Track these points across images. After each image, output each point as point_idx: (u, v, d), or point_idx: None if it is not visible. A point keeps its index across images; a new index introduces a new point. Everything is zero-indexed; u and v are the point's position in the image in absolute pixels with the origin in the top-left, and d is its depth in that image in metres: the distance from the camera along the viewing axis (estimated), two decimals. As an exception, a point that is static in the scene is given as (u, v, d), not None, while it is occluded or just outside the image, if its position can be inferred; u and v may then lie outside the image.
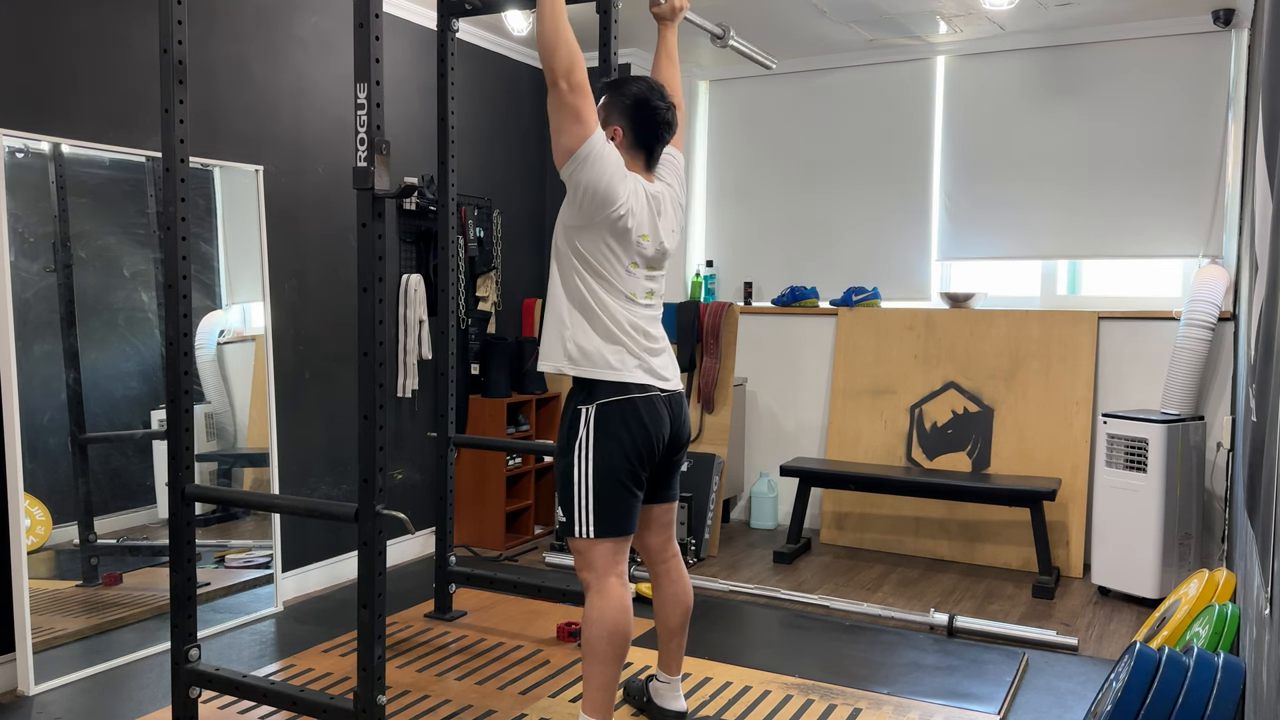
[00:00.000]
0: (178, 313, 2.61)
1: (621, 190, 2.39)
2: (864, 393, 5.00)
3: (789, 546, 4.65)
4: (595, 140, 2.36)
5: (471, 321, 4.77)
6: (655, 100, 2.50)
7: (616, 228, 2.41)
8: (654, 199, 2.51)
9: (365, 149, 2.29)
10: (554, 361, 2.49)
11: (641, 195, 2.47)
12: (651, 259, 2.52)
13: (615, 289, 2.46)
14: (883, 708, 2.92)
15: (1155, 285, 4.69)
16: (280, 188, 3.84)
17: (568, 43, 2.31)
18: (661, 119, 2.52)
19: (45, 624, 3.04)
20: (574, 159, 2.35)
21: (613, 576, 2.46)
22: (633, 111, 2.49)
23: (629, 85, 2.52)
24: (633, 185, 2.44)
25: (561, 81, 2.31)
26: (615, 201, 2.38)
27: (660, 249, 2.53)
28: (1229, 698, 2.19)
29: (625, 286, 2.47)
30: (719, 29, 3.29)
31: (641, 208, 2.46)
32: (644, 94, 2.50)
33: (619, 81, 2.55)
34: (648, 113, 2.50)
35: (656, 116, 2.51)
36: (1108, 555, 4.09)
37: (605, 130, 2.49)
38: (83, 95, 3.16)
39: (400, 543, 4.49)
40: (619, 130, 2.49)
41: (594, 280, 2.45)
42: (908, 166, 5.10)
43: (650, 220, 2.49)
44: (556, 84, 2.31)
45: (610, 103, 2.52)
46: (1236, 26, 4.32)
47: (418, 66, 4.47)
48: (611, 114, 2.51)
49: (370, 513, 2.38)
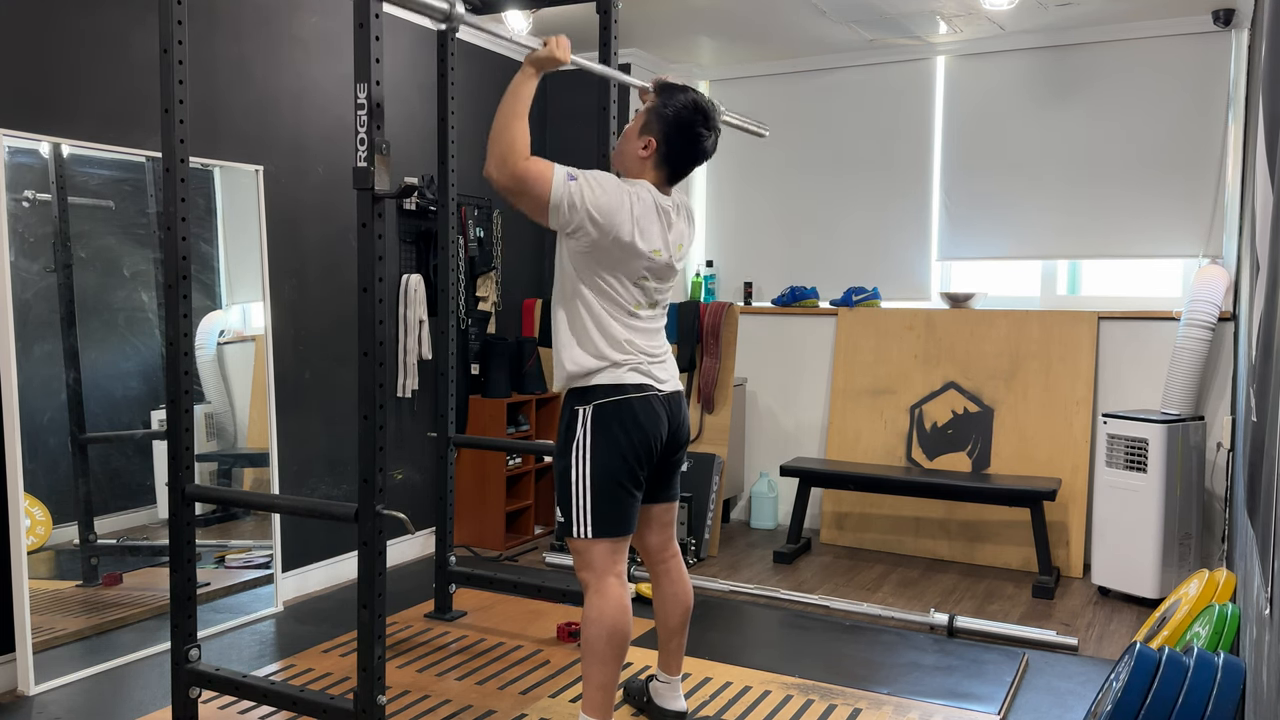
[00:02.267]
0: (178, 313, 2.61)
1: (621, 212, 2.37)
2: (864, 393, 5.00)
3: (789, 546, 4.65)
4: (558, 187, 2.32)
5: (471, 321, 4.77)
6: (699, 127, 2.46)
7: (622, 244, 2.39)
8: (663, 211, 2.47)
9: (365, 149, 2.29)
10: (561, 381, 2.51)
11: (651, 208, 2.43)
12: (660, 271, 2.49)
13: (619, 304, 2.44)
14: (883, 708, 2.92)
15: (1155, 285, 4.69)
16: (280, 188, 3.84)
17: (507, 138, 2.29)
18: (700, 149, 2.49)
19: (45, 624, 3.04)
20: (554, 211, 2.34)
21: (612, 576, 2.46)
22: (672, 130, 2.45)
23: (677, 96, 2.46)
24: (637, 198, 2.41)
25: (494, 173, 2.30)
26: (616, 225, 2.36)
27: (668, 261, 2.49)
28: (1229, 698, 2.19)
29: (629, 300, 2.46)
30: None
31: (650, 221, 2.42)
32: (690, 116, 2.45)
33: (670, 88, 2.49)
34: (689, 138, 2.46)
35: (696, 146, 2.48)
36: (1108, 555, 4.09)
37: (639, 141, 2.46)
38: (83, 95, 3.16)
39: (400, 543, 4.49)
40: (653, 142, 2.46)
41: (596, 297, 2.43)
42: (908, 166, 5.10)
43: (661, 233, 2.46)
44: (490, 176, 2.31)
45: (654, 109, 2.47)
46: (1236, 26, 4.32)
47: (418, 66, 4.47)
48: (651, 123, 2.46)
49: (370, 513, 2.38)
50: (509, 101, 2.36)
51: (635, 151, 2.50)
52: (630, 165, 2.53)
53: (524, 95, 2.37)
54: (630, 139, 2.52)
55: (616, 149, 2.63)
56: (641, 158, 2.49)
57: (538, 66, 2.43)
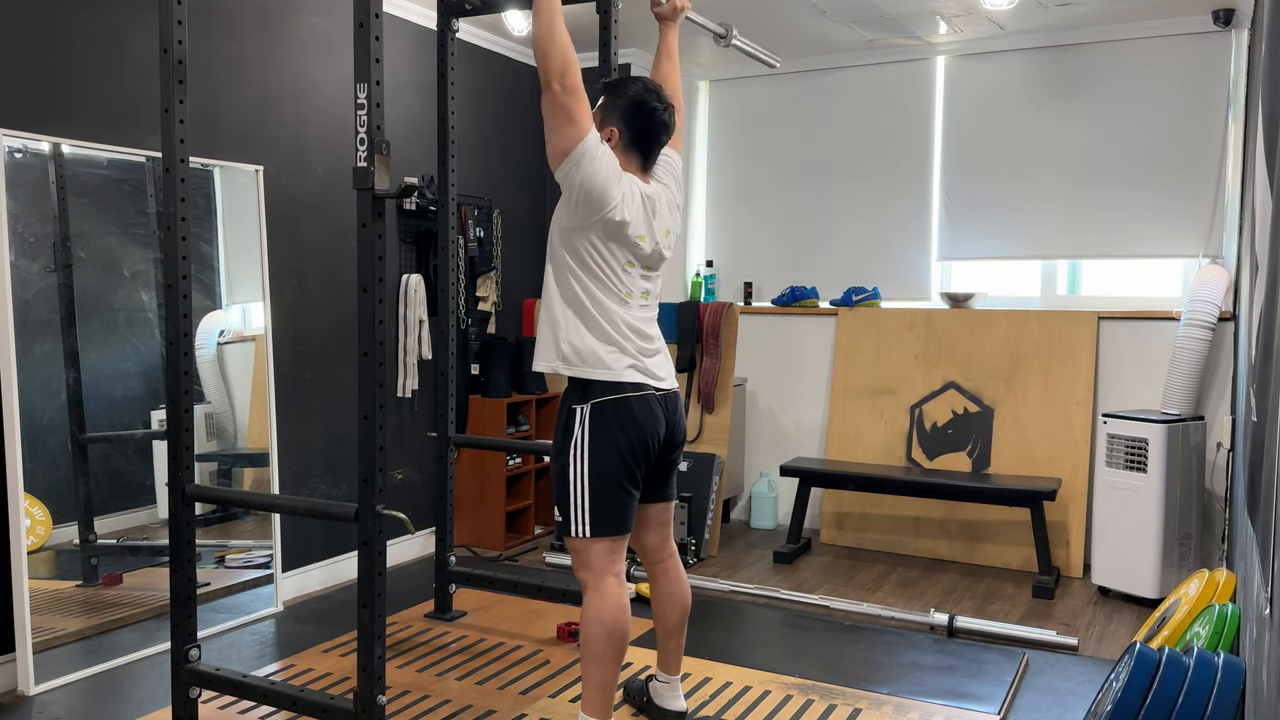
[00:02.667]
0: (178, 313, 2.61)
1: (615, 191, 2.39)
2: (864, 393, 5.00)
3: (789, 546, 4.65)
4: (589, 141, 2.36)
5: (471, 321, 4.77)
6: (652, 102, 2.50)
7: (611, 228, 2.41)
8: (649, 199, 2.50)
9: (365, 149, 2.29)
10: (549, 361, 2.49)
11: (637, 195, 2.47)
12: (647, 259, 2.52)
13: (610, 289, 2.46)
14: (883, 708, 2.92)
15: (1155, 285, 4.69)
16: (280, 188, 3.84)
17: (562, 45, 2.31)
18: (658, 120, 2.52)
19: (45, 624, 3.04)
20: (568, 159, 2.36)
21: (610, 576, 2.46)
22: (629, 113, 2.49)
23: (626, 86, 2.51)
24: (628, 185, 2.44)
25: (555, 83, 2.31)
26: (609, 202, 2.38)
27: (656, 249, 2.52)
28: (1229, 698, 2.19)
29: (621, 287, 2.47)
30: (721, 29, 3.28)
31: (636, 208, 2.46)
32: (641, 95, 2.49)
33: (617, 83, 2.55)
34: (645, 114, 2.50)
35: (654, 119, 2.51)
36: (1108, 555, 4.09)
37: (601, 132, 2.49)
38: (83, 95, 3.16)
39: (400, 543, 4.50)
40: (615, 132, 2.49)
41: (589, 280, 2.45)
42: (908, 166, 5.10)
43: (646, 221, 2.49)
44: (550, 85, 2.31)
45: (607, 104, 2.52)
46: (1236, 26, 4.32)
47: (418, 66, 4.47)
48: (609, 115, 2.51)
49: (370, 513, 2.38)
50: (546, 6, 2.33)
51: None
52: None
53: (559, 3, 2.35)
54: None
55: None
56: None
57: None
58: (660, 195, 2.56)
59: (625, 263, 2.47)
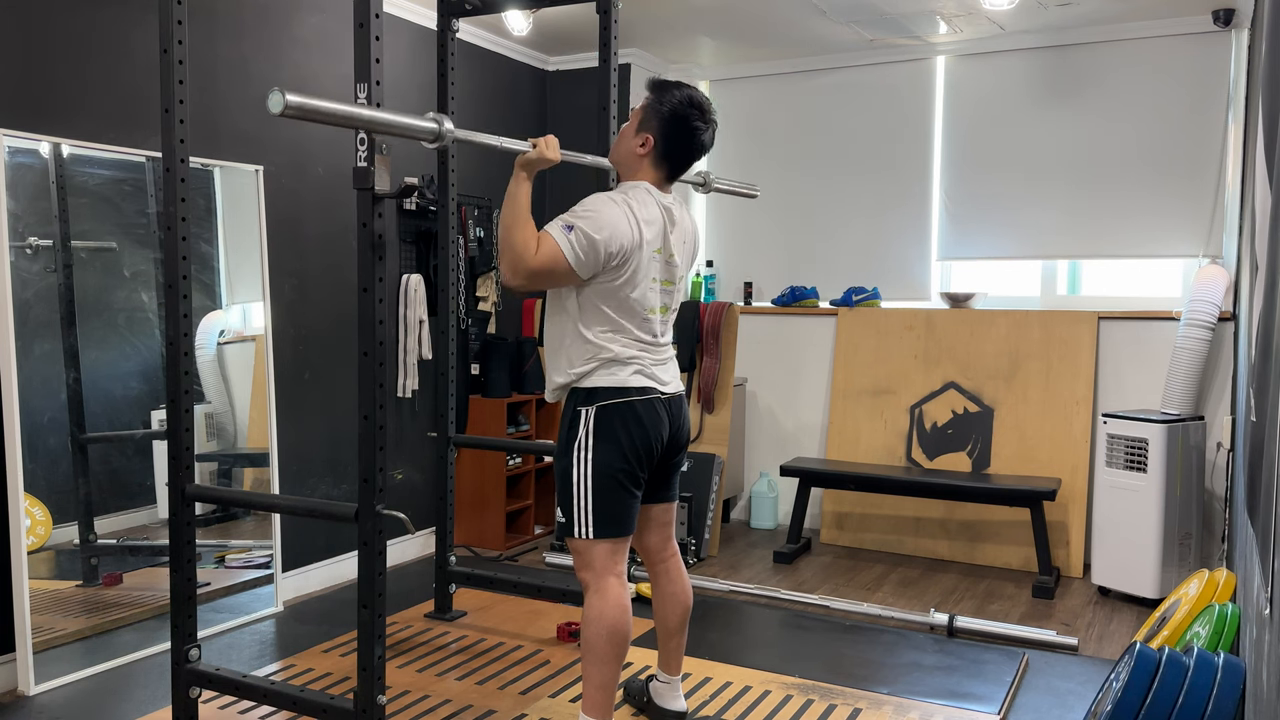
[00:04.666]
0: (178, 313, 2.61)
1: (620, 225, 2.38)
2: (864, 393, 5.00)
3: (789, 546, 4.65)
4: (566, 250, 2.33)
5: (471, 321, 4.77)
6: (695, 120, 2.47)
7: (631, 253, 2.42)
8: (666, 210, 2.49)
9: (365, 149, 2.29)
10: (559, 379, 2.49)
11: (652, 205, 2.45)
12: (666, 270, 2.51)
13: (631, 310, 2.45)
14: (883, 708, 2.92)
15: (1155, 285, 4.69)
16: (280, 188, 3.84)
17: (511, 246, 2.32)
18: (697, 141, 2.50)
19: (45, 624, 3.04)
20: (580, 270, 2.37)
21: (611, 576, 2.46)
22: (669, 125, 2.47)
23: (671, 93, 2.48)
24: (632, 203, 2.42)
25: (514, 279, 2.36)
26: (629, 261, 2.39)
27: (672, 260, 2.51)
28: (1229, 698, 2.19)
29: (643, 305, 2.46)
30: (700, 178, 3.12)
31: (654, 221, 2.44)
32: (684, 109, 2.46)
33: (664, 85, 2.51)
34: (685, 132, 2.47)
35: (693, 139, 2.49)
36: (1108, 555, 4.09)
37: (636, 139, 2.48)
38: (83, 95, 3.16)
39: (400, 543, 4.49)
40: (650, 139, 2.47)
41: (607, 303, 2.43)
42: (908, 166, 5.10)
43: (663, 233, 2.48)
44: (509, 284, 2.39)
45: (649, 106, 2.49)
46: (1236, 26, 4.32)
47: (418, 66, 4.47)
48: (648, 119, 2.48)
49: (370, 513, 2.38)
50: (509, 209, 2.39)
51: (633, 149, 2.51)
52: (628, 163, 2.54)
53: (521, 200, 2.40)
54: (627, 137, 2.53)
55: (613, 147, 2.64)
56: (639, 155, 2.50)
57: (529, 169, 2.45)
58: (677, 204, 2.55)
59: (648, 277, 2.46)
